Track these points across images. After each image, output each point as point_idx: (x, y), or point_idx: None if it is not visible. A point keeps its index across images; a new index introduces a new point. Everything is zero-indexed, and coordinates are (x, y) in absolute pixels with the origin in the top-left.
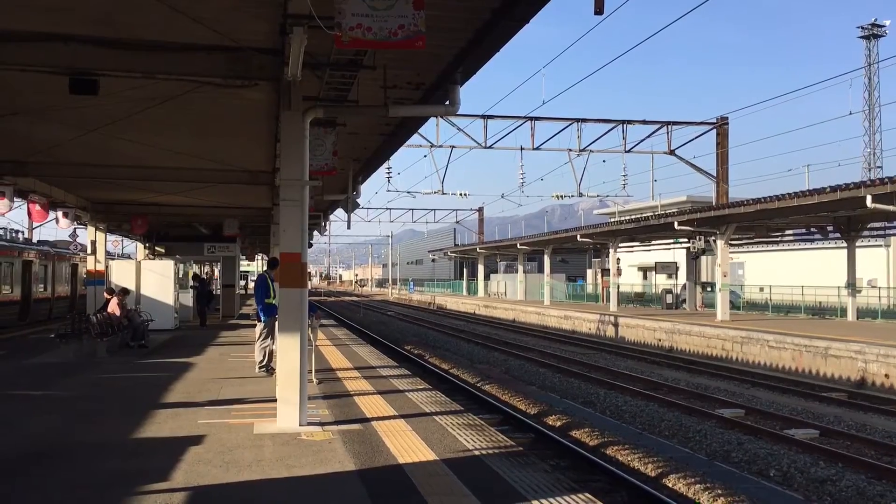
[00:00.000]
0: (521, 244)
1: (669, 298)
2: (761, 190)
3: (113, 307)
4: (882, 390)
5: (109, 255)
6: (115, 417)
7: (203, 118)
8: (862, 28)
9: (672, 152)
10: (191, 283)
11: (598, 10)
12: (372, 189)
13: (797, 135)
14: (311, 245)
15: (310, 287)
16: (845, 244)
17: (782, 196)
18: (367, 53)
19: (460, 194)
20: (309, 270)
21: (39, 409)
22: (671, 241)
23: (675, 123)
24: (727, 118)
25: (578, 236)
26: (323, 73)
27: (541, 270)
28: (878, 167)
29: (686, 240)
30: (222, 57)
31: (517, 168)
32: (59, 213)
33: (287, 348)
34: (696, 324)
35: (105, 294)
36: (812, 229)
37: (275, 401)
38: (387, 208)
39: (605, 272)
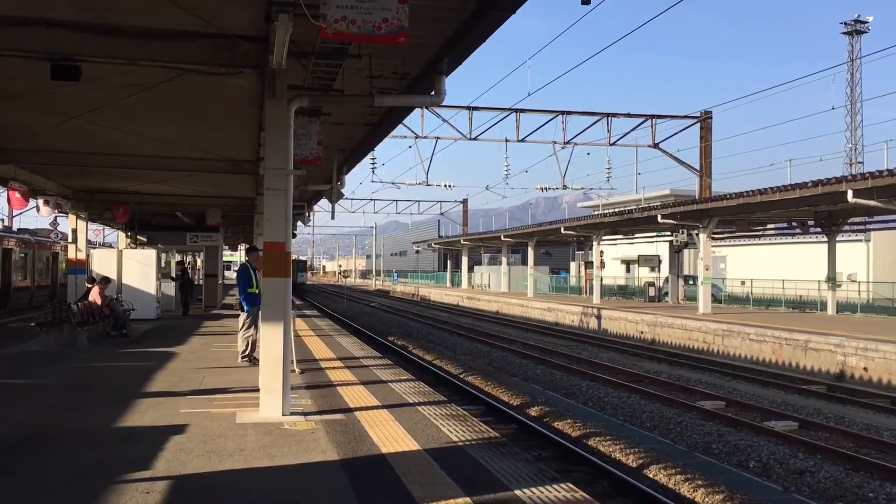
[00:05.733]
0: (505, 236)
1: (652, 291)
2: (744, 184)
3: (94, 296)
4: (860, 383)
5: (91, 244)
6: (97, 406)
7: (186, 106)
8: (845, 24)
9: (656, 146)
10: (174, 273)
11: None
12: (356, 179)
13: (780, 129)
14: (294, 235)
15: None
16: (826, 239)
17: (764, 190)
18: (352, 43)
19: (445, 186)
20: (302, 259)
21: (20, 398)
22: (654, 234)
23: (659, 117)
24: (711, 112)
25: (562, 229)
26: (308, 62)
27: (524, 263)
28: (860, 162)
29: (669, 233)
30: (206, 44)
31: (502, 160)
32: (40, 201)
33: (270, 338)
34: (679, 316)
35: (86, 283)
36: (793, 223)
37: (257, 390)
38: (371, 199)
39: (589, 265)
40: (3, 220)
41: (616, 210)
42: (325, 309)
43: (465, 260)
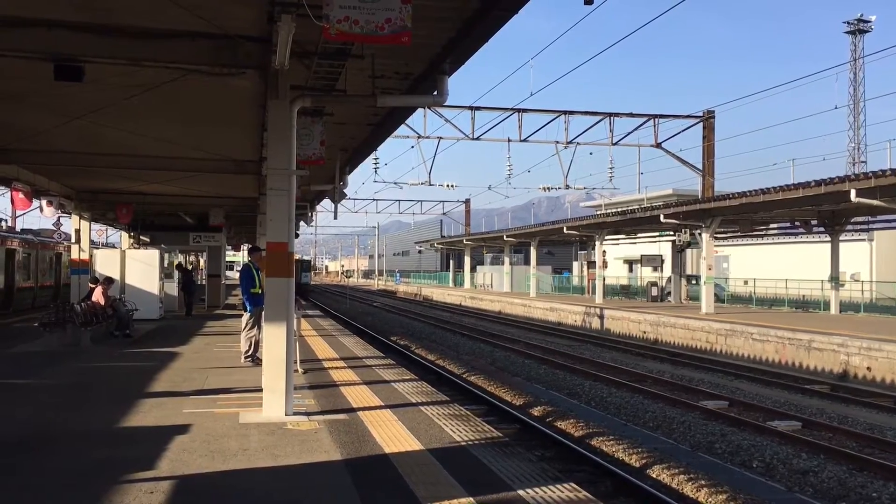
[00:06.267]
0: (507, 236)
1: (655, 291)
2: (747, 184)
3: (97, 296)
4: (864, 383)
5: (94, 245)
6: (100, 406)
7: (189, 106)
8: (848, 23)
9: (659, 145)
10: (176, 274)
11: None
12: (359, 180)
13: (783, 129)
14: (297, 235)
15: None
16: (829, 238)
17: (767, 190)
18: (355, 43)
19: (447, 185)
20: (306, 259)
21: (24, 398)
22: (657, 234)
23: (661, 116)
24: (713, 112)
25: (565, 228)
26: (311, 62)
27: (527, 262)
28: (863, 162)
29: (672, 233)
30: (208, 44)
31: (504, 160)
32: (43, 202)
33: (273, 338)
34: (681, 316)
35: (89, 283)
36: (796, 223)
37: (260, 390)
38: (373, 199)
39: (591, 264)
40: (6, 220)
41: (619, 210)
42: (328, 309)
43: (467, 260)
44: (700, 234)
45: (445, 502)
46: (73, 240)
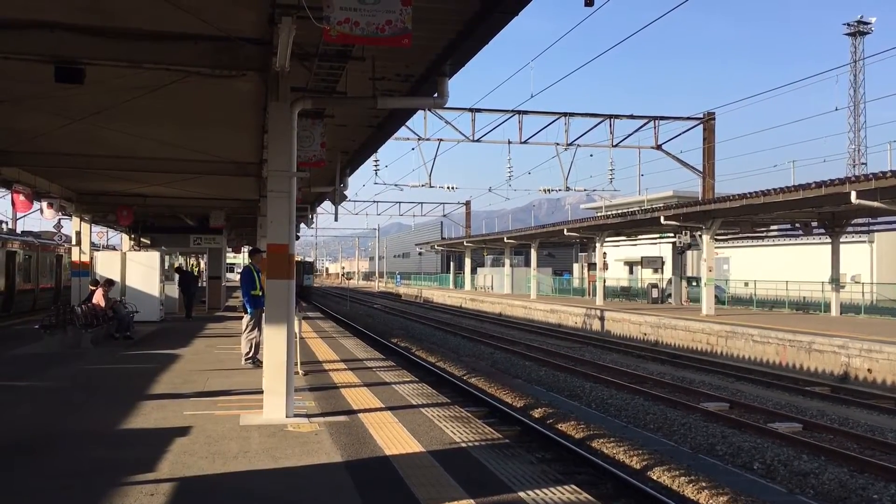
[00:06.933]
0: (508, 238)
1: (655, 293)
2: (747, 185)
3: (98, 298)
4: (864, 384)
5: (94, 247)
6: (101, 408)
7: (190, 108)
8: (848, 25)
9: (659, 147)
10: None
11: (589, 1)
12: (359, 182)
13: (783, 130)
14: (298, 237)
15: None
16: (829, 240)
17: (768, 191)
18: (355, 45)
19: (448, 188)
20: (308, 260)
21: (24, 400)
22: (657, 235)
23: (662, 118)
24: (714, 113)
25: (565, 230)
26: (311, 64)
27: (527, 264)
28: (863, 163)
29: (672, 234)
30: (209, 46)
31: (505, 162)
32: (44, 204)
33: (274, 340)
34: (682, 318)
35: (90, 285)
36: (797, 225)
37: (261, 392)
38: (374, 201)
39: (592, 266)
40: (6, 222)
41: (619, 211)
42: (328, 311)
43: (468, 262)
44: (700, 236)
45: None
46: (73, 242)
